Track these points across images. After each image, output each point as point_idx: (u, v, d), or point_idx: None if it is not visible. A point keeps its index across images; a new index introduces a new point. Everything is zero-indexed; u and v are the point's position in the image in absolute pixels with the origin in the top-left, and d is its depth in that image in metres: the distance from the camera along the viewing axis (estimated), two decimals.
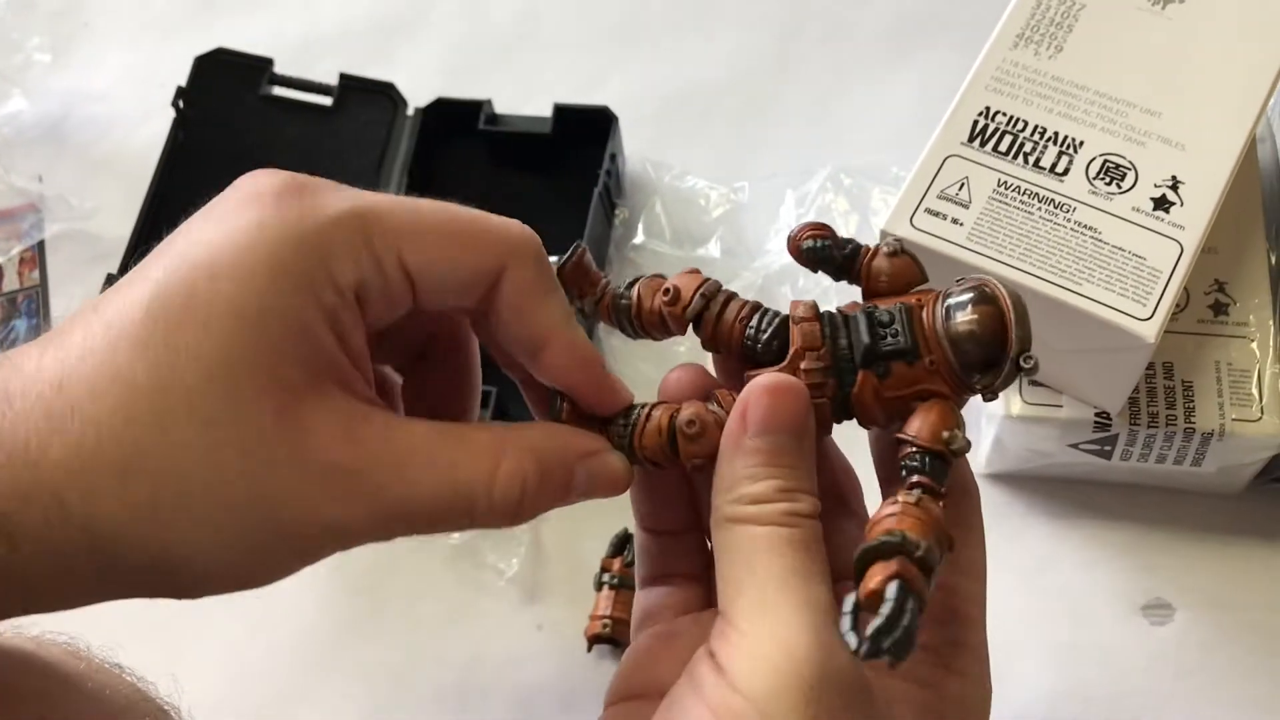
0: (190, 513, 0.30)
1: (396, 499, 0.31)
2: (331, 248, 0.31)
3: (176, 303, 0.30)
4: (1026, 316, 0.31)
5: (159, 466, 0.29)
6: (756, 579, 0.31)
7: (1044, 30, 0.51)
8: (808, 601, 0.30)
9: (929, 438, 0.31)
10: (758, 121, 0.68)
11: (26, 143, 0.70)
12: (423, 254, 0.32)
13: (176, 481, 0.29)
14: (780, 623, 0.30)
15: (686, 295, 0.35)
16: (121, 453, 0.29)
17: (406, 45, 0.72)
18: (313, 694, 0.55)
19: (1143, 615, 0.53)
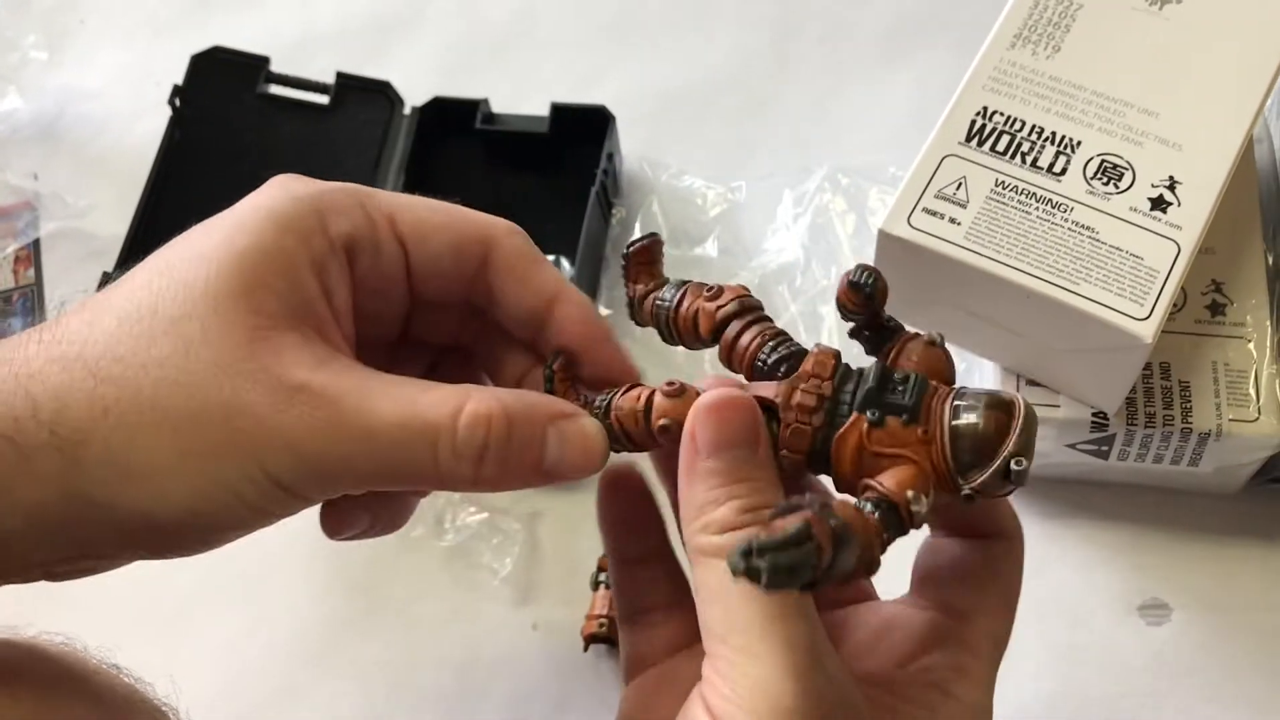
0: (153, 416, 0.31)
1: (358, 423, 0.31)
2: (327, 204, 0.33)
3: (177, 251, 0.33)
4: (1033, 430, 0.30)
5: (131, 375, 0.31)
6: (734, 622, 0.30)
7: (1041, 30, 0.51)
8: (787, 642, 0.30)
9: (894, 488, 0.30)
10: (755, 121, 0.68)
11: (22, 140, 0.70)
12: (414, 219, 0.35)
13: (145, 388, 0.31)
14: (762, 667, 0.30)
15: (726, 297, 0.35)
16: (98, 361, 0.31)
17: (403, 44, 0.72)
18: (308, 694, 0.55)
19: (1139, 615, 0.53)
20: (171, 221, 0.62)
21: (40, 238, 0.68)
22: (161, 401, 0.31)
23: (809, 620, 0.31)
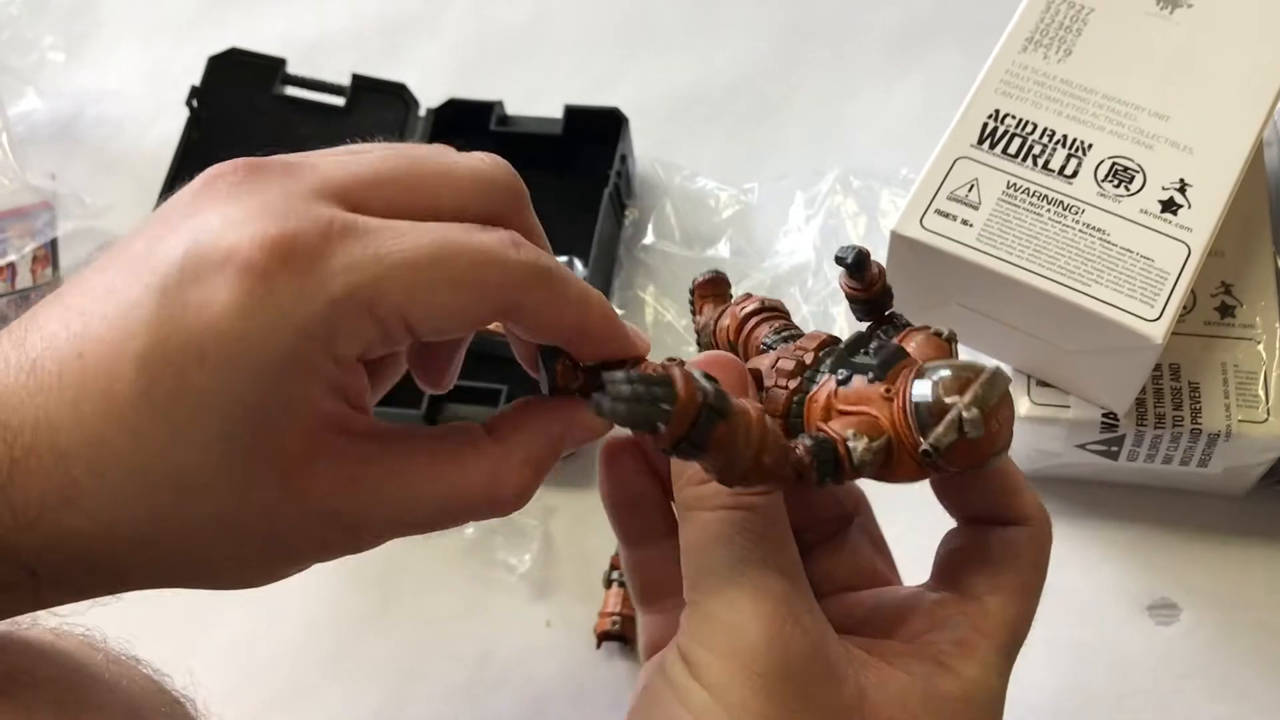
0: (209, 567, 0.31)
1: (399, 524, 0.32)
2: (333, 331, 0.29)
3: (168, 383, 0.29)
4: (998, 388, 0.29)
5: (177, 541, 0.30)
6: (710, 568, 0.31)
7: (1053, 34, 0.52)
8: (759, 590, 0.30)
9: (837, 429, 0.30)
10: (766, 122, 0.69)
11: (40, 141, 0.71)
12: (427, 315, 0.31)
13: (195, 549, 0.30)
14: (734, 612, 0.30)
15: (750, 301, 0.36)
16: (140, 528, 0.30)
17: (417, 46, 0.73)
18: (324, 688, 0.55)
19: (1148, 615, 0.54)
20: None
21: (58, 237, 0.68)
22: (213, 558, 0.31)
23: (784, 571, 0.31)
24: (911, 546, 0.41)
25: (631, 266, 0.63)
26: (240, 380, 0.29)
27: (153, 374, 0.29)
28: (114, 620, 0.40)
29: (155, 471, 0.29)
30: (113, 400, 0.29)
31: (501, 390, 0.56)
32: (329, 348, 0.30)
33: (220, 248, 0.29)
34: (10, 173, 0.67)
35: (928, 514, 0.36)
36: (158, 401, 0.29)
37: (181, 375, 0.29)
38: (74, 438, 0.29)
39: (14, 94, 0.70)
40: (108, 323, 0.29)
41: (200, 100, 0.66)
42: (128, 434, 0.29)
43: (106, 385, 0.29)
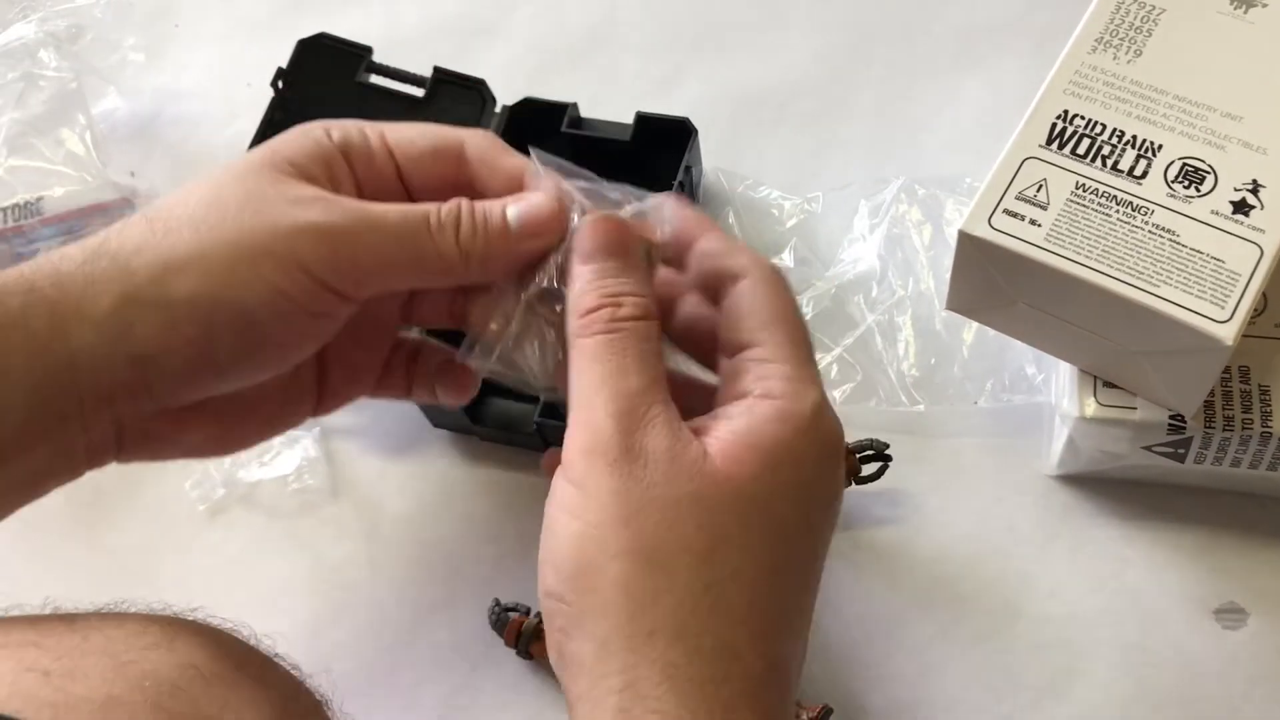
0: (192, 227, 0.39)
1: (368, 215, 0.40)
2: (329, 123, 0.43)
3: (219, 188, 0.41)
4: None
5: (176, 209, 0.40)
6: (582, 385, 0.37)
7: (1123, 34, 0.52)
8: (616, 392, 0.37)
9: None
10: (831, 124, 0.69)
11: (120, 139, 0.73)
12: (398, 132, 0.43)
13: (185, 215, 0.39)
14: (593, 415, 0.36)
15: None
16: (150, 211, 0.40)
17: (487, 46, 0.74)
18: (393, 675, 0.56)
19: (1215, 619, 0.53)
20: None
21: None
22: (199, 216, 0.39)
23: (641, 373, 0.37)
24: None
25: None
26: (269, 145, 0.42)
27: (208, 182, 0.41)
28: (187, 603, 0.41)
29: (191, 189, 0.41)
30: (189, 197, 0.41)
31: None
32: (324, 127, 0.43)
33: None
34: (93, 169, 0.69)
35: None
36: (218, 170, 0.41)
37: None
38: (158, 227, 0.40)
39: (97, 93, 0.72)
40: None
41: (286, 82, 0.67)
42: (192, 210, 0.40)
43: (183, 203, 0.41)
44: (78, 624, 0.36)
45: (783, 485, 0.37)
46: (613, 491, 0.35)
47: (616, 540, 0.35)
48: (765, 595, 0.36)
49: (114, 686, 0.33)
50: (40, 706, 0.32)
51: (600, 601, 0.35)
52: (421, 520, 0.60)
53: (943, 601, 0.55)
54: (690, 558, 0.35)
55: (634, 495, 0.35)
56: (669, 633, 0.34)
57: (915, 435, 0.58)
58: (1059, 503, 0.56)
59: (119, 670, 0.34)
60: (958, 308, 0.53)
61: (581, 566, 0.35)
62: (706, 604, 0.35)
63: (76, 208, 0.70)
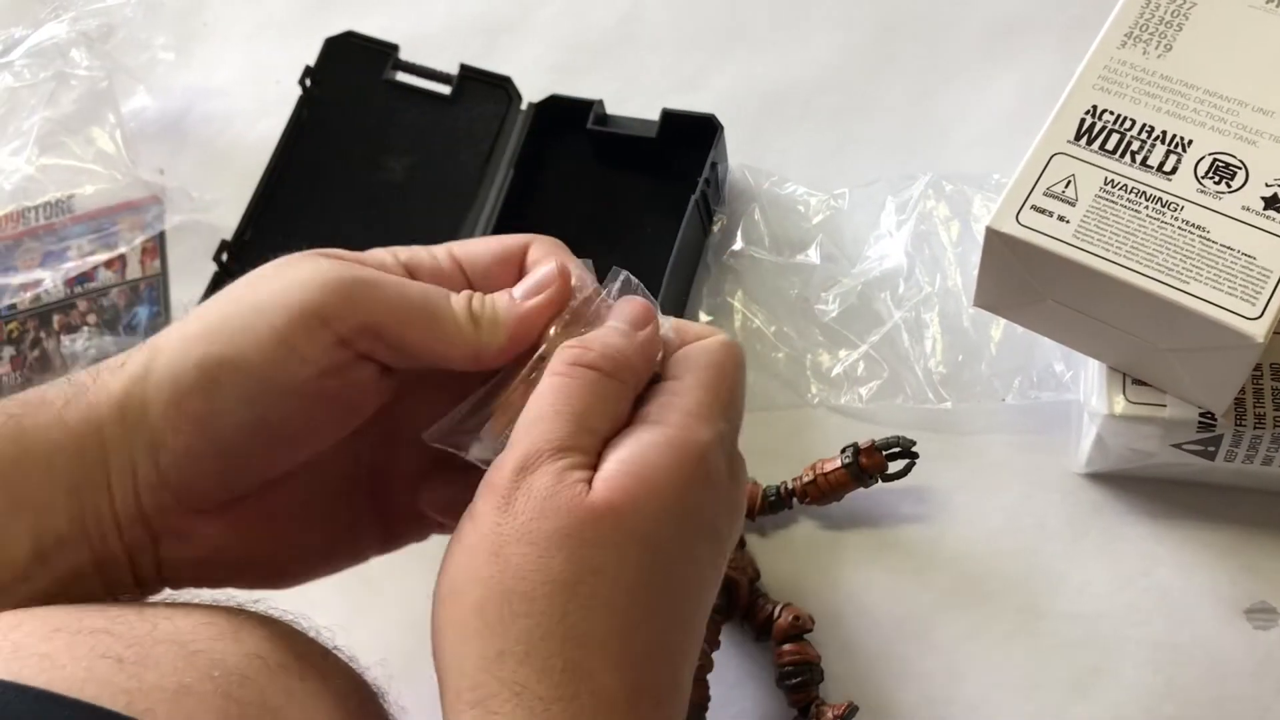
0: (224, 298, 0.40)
1: (392, 284, 0.40)
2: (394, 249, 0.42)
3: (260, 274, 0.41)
4: None
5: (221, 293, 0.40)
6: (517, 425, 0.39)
7: (1153, 29, 0.51)
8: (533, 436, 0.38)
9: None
10: (857, 119, 0.68)
11: (150, 137, 0.73)
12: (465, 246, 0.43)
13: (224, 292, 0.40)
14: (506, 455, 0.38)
15: None
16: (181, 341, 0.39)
17: (513, 44, 0.74)
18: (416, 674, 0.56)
19: (1246, 619, 0.53)
20: (293, 192, 0.65)
21: (166, 230, 0.71)
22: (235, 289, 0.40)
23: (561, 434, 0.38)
24: None
25: (720, 273, 0.64)
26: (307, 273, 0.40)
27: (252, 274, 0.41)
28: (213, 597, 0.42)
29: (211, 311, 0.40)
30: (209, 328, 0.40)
31: None
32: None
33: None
34: (122, 168, 0.70)
35: None
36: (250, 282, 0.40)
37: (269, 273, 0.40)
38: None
39: (126, 92, 0.73)
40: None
41: (313, 80, 0.67)
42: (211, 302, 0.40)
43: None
44: (146, 613, 0.36)
45: (664, 512, 0.37)
46: (492, 524, 0.36)
47: (484, 567, 0.36)
48: (634, 623, 0.36)
49: (185, 675, 0.34)
50: (116, 693, 0.32)
51: (459, 620, 0.36)
52: None
53: (970, 599, 0.55)
54: (552, 588, 0.35)
55: (505, 530, 0.36)
56: (518, 654, 0.35)
57: (942, 433, 0.58)
58: (1088, 501, 0.56)
59: (189, 659, 0.34)
60: (985, 304, 0.52)
61: (452, 585, 0.37)
62: (561, 630, 0.35)
63: (107, 205, 0.71)
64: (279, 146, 0.66)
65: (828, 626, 0.54)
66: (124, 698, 0.32)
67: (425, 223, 0.64)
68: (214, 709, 0.33)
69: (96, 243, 0.70)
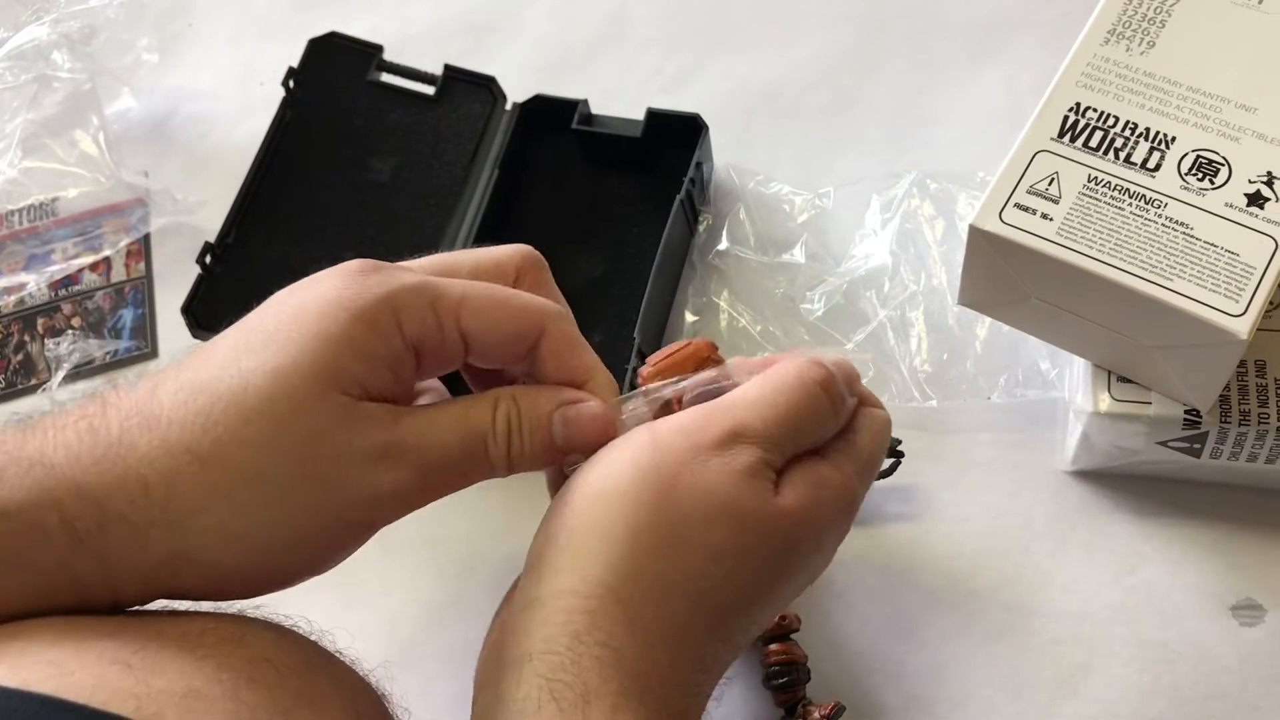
0: (260, 491, 0.36)
1: (435, 455, 0.38)
2: (401, 304, 0.38)
3: (264, 332, 0.37)
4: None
5: (234, 455, 0.36)
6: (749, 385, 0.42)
7: (1136, 26, 0.51)
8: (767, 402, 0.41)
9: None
10: (843, 118, 0.68)
11: (134, 139, 0.73)
12: (478, 319, 0.39)
13: (249, 467, 0.36)
14: (711, 411, 0.41)
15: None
16: (202, 445, 0.36)
17: (498, 44, 0.74)
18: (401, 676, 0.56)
19: (1232, 616, 0.53)
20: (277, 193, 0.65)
21: (150, 232, 0.70)
22: (265, 479, 0.36)
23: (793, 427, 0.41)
24: None
25: (705, 273, 0.63)
26: (322, 321, 0.37)
27: (250, 326, 0.38)
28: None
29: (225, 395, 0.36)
30: (213, 348, 0.38)
31: None
32: (396, 315, 0.38)
33: (329, 270, 0.39)
34: (106, 170, 0.69)
35: None
36: (243, 343, 0.37)
37: (276, 324, 0.37)
38: (166, 380, 0.37)
39: (110, 94, 0.72)
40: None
41: (297, 81, 0.67)
42: (212, 367, 0.37)
43: (211, 344, 0.38)
44: (151, 620, 0.36)
45: (811, 542, 0.41)
46: (677, 459, 0.38)
47: (653, 495, 0.38)
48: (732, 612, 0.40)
49: (193, 680, 0.34)
50: (125, 698, 0.32)
51: (602, 522, 0.38)
52: (431, 518, 0.59)
53: (957, 598, 0.55)
54: (703, 551, 0.38)
55: (690, 475, 0.38)
56: (643, 586, 0.37)
57: (928, 431, 0.58)
58: (1074, 498, 0.56)
59: (196, 664, 0.34)
60: (970, 303, 0.52)
61: (608, 487, 0.38)
62: (688, 591, 0.38)
63: (91, 208, 0.71)
64: (263, 148, 0.66)
65: (814, 626, 0.54)
66: (133, 702, 0.32)
67: (410, 223, 0.64)
68: (223, 712, 0.33)
69: (81, 246, 0.70)
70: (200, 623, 0.37)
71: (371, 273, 0.38)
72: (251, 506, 0.36)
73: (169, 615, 0.37)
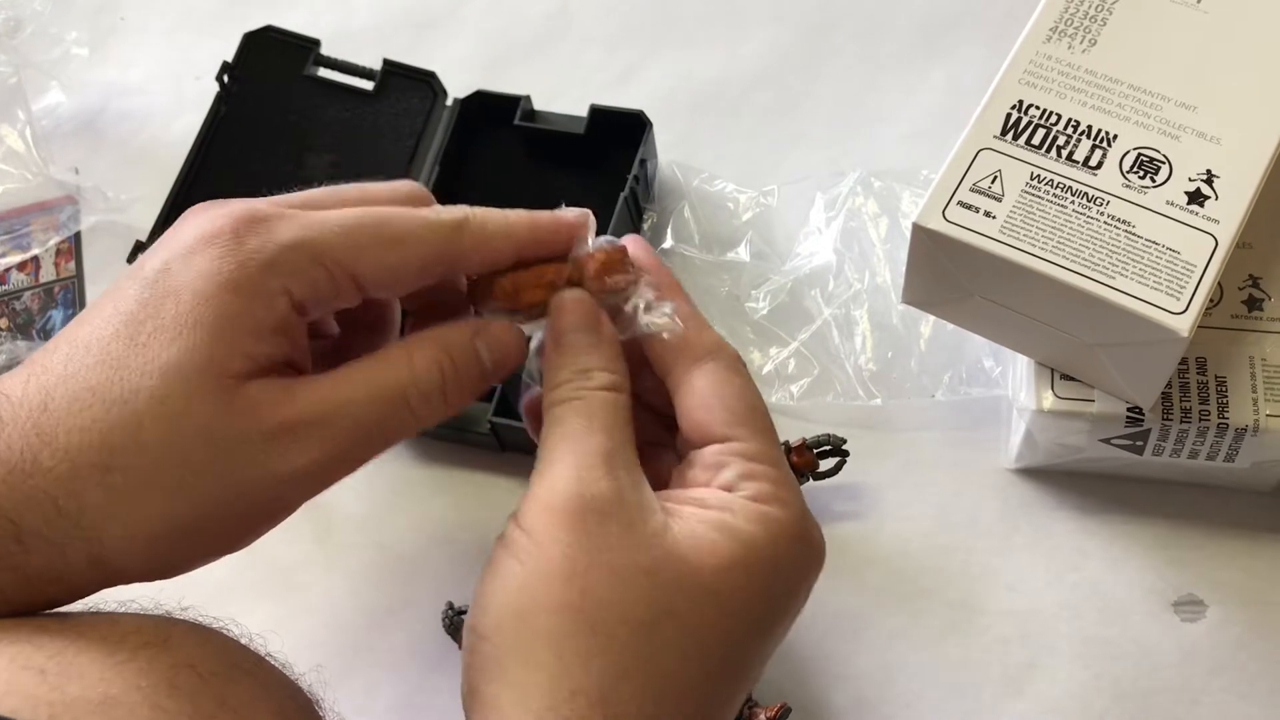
0: (161, 492, 0.35)
1: (343, 426, 0.37)
2: (285, 270, 0.36)
3: (145, 324, 0.36)
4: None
5: (133, 461, 0.35)
6: (547, 445, 0.38)
7: (1078, 24, 0.51)
8: (577, 450, 0.37)
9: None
10: (788, 117, 0.68)
11: (64, 135, 0.71)
12: (371, 268, 0.38)
13: (149, 469, 0.35)
14: (551, 471, 0.37)
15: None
16: (101, 455, 0.35)
17: (439, 39, 0.73)
18: (345, 681, 0.55)
19: (1174, 611, 0.53)
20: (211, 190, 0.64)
21: (81, 231, 0.69)
22: (167, 477, 0.35)
23: (610, 434, 0.38)
24: None
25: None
26: (201, 304, 0.35)
27: (133, 315, 0.36)
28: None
29: (117, 399, 0.35)
30: (98, 343, 0.36)
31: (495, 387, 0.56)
32: (280, 283, 0.36)
33: (198, 226, 0.37)
34: (34, 167, 0.67)
35: None
36: (127, 336, 0.36)
37: (157, 312, 0.36)
38: (58, 389, 0.35)
39: (38, 88, 0.70)
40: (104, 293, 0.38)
41: (231, 76, 0.66)
42: (99, 369, 0.35)
43: (92, 332, 0.36)
44: (70, 623, 0.35)
45: (758, 591, 0.37)
46: (562, 545, 0.35)
47: (560, 594, 0.35)
48: (698, 684, 0.36)
49: (111, 686, 0.33)
50: (37, 705, 0.31)
51: (528, 652, 0.35)
52: (374, 522, 0.59)
53: (903, 596, 0.55)
54: (629, 628, 0.35)
55: (584, 553, 0.35)
56: (593, 696, 0.34)
57: (873, 430, 0.58)
58: (1018, 496, 0.56)
59: (115, 669, 0.33)
60: (914, 301, 0.52)
61: (515, 612, 0.35)
62: (638, 678, 0.35)
63: (18, 206, 0.69)
64: (196, 144, 0.64)
65: None
66: (45, 709, 0.31)
67: None
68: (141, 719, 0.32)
69: (8, 244, 0.68)
70: (123, 625, 0.36)
71: (247, 234, 0.36)
72: (157, 508, 0.35)
73: (90, 617, 0.36)
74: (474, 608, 0.37)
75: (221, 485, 0.36)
